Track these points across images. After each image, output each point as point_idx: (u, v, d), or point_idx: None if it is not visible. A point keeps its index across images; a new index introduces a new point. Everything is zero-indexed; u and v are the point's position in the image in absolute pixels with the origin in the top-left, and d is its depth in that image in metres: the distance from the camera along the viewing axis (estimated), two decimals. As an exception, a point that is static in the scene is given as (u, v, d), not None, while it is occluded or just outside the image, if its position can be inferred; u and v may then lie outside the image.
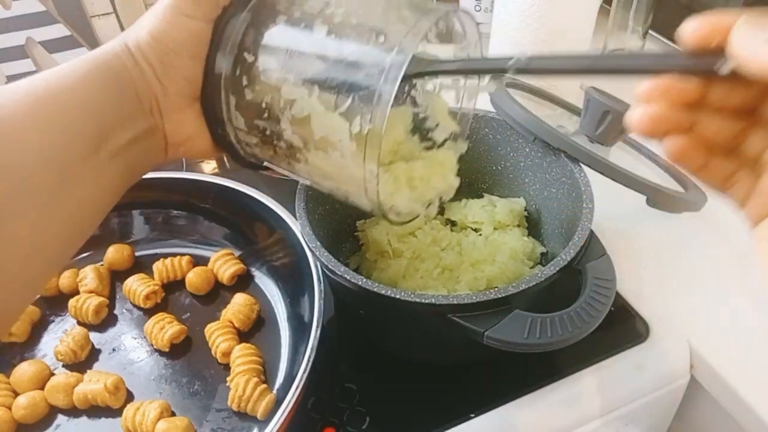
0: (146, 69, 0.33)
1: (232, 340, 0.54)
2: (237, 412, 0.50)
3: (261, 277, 0.61)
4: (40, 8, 0.86)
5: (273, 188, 0.61)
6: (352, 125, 0.32)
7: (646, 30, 0.84)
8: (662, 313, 0.56)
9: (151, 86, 0.33)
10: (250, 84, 0.34)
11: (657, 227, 0.64)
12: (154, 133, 0.34)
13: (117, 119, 0.32)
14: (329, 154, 0.34)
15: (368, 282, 0.44)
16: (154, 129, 0.34)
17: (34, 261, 0.29)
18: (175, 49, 0.33)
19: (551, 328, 0.41)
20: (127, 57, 0.33)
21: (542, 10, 0.66)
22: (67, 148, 0.29)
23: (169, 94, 0.34)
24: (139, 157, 0.34)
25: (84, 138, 0.30)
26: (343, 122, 0.32)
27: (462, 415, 0.49)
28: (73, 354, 0.54)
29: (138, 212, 0.66)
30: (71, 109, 0.30)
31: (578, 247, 0.45)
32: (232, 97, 0.35)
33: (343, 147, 0.33)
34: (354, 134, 0.32)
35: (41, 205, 0.28)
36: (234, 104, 0.35)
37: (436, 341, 0.51)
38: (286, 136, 0.34)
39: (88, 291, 0.59)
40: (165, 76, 0.33)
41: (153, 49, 0.33)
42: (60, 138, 0.29)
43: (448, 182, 0.43)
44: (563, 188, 0.54)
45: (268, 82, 0.34)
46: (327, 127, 0.33)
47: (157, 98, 0.34)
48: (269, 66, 0.34)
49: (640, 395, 0.54)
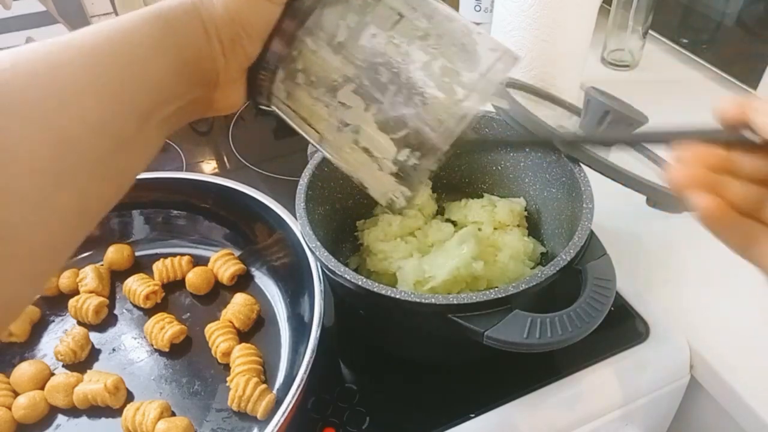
0: (216, 44, 0.32)
1: (232, 340, 0.54)
2: (237, 412, 0.50)
3: (261, 277, 0.61)
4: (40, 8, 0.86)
5: (273, 188, 0.61)
6: (400, 154, 0.31)
7: (646, 30, 0.84)
8: (662, 313, 0.56)
9: (216, 61, 0.32)
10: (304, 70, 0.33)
11: (657, 227, 0.64)
12: (202, 100, 0.34)
13: (174, 92, 0.31)
14: (366, 158, 0.33)
15: (368, 282, 0.44)
16: (203, 96, 0.34)
17: (76, 226, 0.29)
18: (249, 30, 0.32)
19: (551, 328, 0.41)
20: (199, 28, 0.31)
21: (542, 10, 0.66)
22: (124, 119, 0.28)
23: (229, 69, 0.33)
24: (181, 120, 0.33)
25: (141, 110, 0.29)
26: (392, 146, 0.32)
27: (462, 415, 0.49)
28: (73, 354, 0.54)
29: (138, 212, 0.66)
30: (134, 81, 0.29)
31: (578, 247, 0.45)
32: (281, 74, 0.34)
33: (383, 164, 0.32)
34: (399, 160, 0.32)
35: (93, 175, 0.28)
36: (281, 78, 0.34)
37: (436, 341, 0.51)
38: (328, 131, 0.34)
39: (88, 291, 0.59)
40: (231, 52, 0.32)
41: (227, 26, 0.32)
42: (119, 109, 0.28)
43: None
44: (563, 188, 0.54)
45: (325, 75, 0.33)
46: (373, 143, 0.32)
47: (218, 72, 0.33)
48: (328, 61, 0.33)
49: (640, 395, 0.54)
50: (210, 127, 0.87)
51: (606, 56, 0.88)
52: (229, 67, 0.33)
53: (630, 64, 0.88)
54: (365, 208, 0.61)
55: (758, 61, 0.75)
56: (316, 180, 0.53)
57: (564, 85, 0.72)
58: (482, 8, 0.87)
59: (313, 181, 0.53)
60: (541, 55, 0.69)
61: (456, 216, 0.60)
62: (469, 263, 0.51)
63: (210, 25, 0.31)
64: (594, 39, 0.73)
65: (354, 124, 0.32)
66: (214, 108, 0.35)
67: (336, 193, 0.57)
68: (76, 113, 0.27)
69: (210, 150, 0.84)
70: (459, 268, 0.50)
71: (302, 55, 0.33)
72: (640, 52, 0.86)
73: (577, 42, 0.70)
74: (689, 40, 0.86)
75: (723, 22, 0.79)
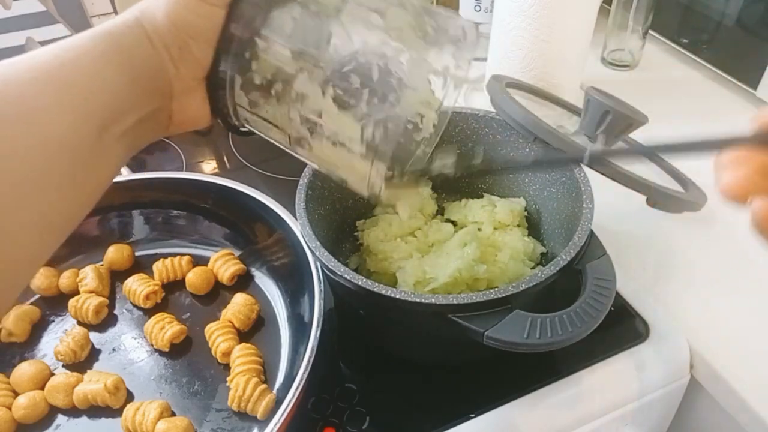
0: (163, 53, 0.32)
1: (232, 340, 0.54)
2: (237, 412, 0.50)
3: (261, 277, 0.61)
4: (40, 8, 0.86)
5: (273, 188, 0.61)
6: (365, 131, 0.32)
7: (646, 30, 0.84)
8: (662, 313, 0.56)
9: (167, 70, 0.33)
10: (258, 70, 0.33)
11: (657, 227, 0.64)
12: (160, 113, 0.34)
13: (129, 103, 0.31)
14: (335, 149, 0.33)
15: (368, 282, 0.44)
16: (161, 109, 0.34)
17: (41, 241, 0.29)
18: (194, 35, 0.32)
19: (551, 328, 0.41)
20: (144, 39, 0.32)
21: (542, 10, 0.66)
22: (79, 133, 0.29)
23: (182, 77, 0.33)
24: (143, 136, 0.34)
25: (95, 122, 0.29)
26: (355, 124, 0.32)
27: (462, 415, 0.49)
28: (73, 354, 0.54)
29: (138, 212, 0.66)
30: (85, 93, 0.29)
31: (578, 247, 0.45)
32: (239, 79, 0.34)
33: (353, 148, 0.32)
34: (366, 138, 0.32)
35: (55, 188, 0.28)
36: (240, 85, 0.34)
37: (437, 341, 0.51)
38: (294, 129, 0.34)
39: (88, 291, 0.59)
40: (181, 60, 0.33)
41: (171, 34, 0.32)
42: (72, 122, 0.28)
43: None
44: (563, 188, 0.54)
45: (280, 71, 0.33)
46: (338, 126, 0.32)
47: (170, 81, 0.33)
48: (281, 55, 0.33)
49: (640, 395, 0.54)
50: (210, 127, 0.87)
51: (606, 56, 0.88)
52: (181, 75, 0.33)
53: (630, 64, 0.88)
54: (365, 208, 0.61)
55: (758, 61, 0.75)
56: (316, 180, 0.53)
57: (564, 85, 0.72)
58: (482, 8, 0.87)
59: (313, 181, 0.53)
60: (541, 55, 0.69)
61: (456, 216, 0.60)
62: (471, 266, 0.51)
63: (154, 35, 0.32)
64: (594, 39, 0.73)
65: (316, 111, 0.33)
66: (174, 121, 0.35)
67: (336, 193, 0.57)
68: (32, 127, 0.27)
69: (210, 150, 0.84)
70: (461, 270, 0.50)
71: (254, 56, 0.33)
72: (640, 52, 0.87)
73: (577, 42, 0.70)
74: (689, 40, 0.86)
75: (723, 22, 0.79)
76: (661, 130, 0.61)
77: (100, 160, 0.30)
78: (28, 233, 0.27)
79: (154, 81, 0.32)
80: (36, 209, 0.27)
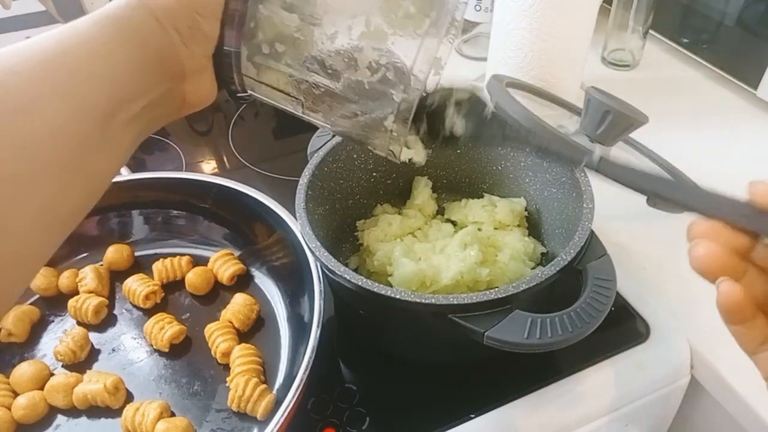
0: (173, 34, 0.31)
1: (232, 341, 0.54)
2: (237, 412, 0.50)
3: (261, 277, 0.61)
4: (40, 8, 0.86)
5: (273, 188, 0.61)
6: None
7: (646, 30, 0.84)
8: (662, 313, 0.56)
9: (178, 52, 0.32)
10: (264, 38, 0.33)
11: (657, 227, 0.64)
12: (172, 95, 0.33)
13: (137, 88, 0.30)
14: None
15: (368, 282, 0.44)
16: (172, 91, 0.33)
17: (44, 235, 0.28)
18: (202, 12, 0.32)
19: (551, 329, 0.41)
20: (150, 21, 0.31)
21: (542, 10, 0.66)
22: (82, 121, 0.28)
23: (194, 56, 0.33)
24: (154, 120, 0.33)
25: (101, 110, 0.29)
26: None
27: (462, 415, 0.49)
28: (73, 354, 0.54)
29: (138, 212, 0.66)
30: (89, 81, 0.28)
31: (579, 247, 0.45)
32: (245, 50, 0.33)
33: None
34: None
35: (58, 179, 0.27)
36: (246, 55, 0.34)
37: (436, 341, 0.51)
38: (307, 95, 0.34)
39: (88, 291, 0.59)
40: (192, 38, 0.32)
41: (180, 13, 0.31)
42: (74, 111, 0.28)
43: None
44: (563, 188, 0.54)
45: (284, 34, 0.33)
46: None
47: (182, 62, 0.32)
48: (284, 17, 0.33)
49: (640, 395, 0.54)
50: (210, 127, 0.87)
51: (606, 56, 0.88)
52: (194, 54, 0.32)
53: (630, 64, 0.88)
54: (365, 208, 0.61)
55: (758, 61, 0.75)
56: (316, 180, 0.53)
57: (564, 85, 0.72)
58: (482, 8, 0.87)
59: (313, 181, 0.53)
60: (541, 55, 0.69)
61: (456, 216, 0.60)
62: (474, 269, 0.51)
63: (162, 16, 0.31)
64: (594, 39, 0.73)
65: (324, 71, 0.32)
66: (188, 102, 0.34)
67: (336, 193, 0.57)
68: (33, 117, 0.26)
69: (210, 150, 0.84)
70: (462, 273, 0.50)
71: (259, 24, 0.33)
72: (640, 51, 0.86)
73: (577, 42, 0.70)
74: (689, 40, 0.86)
75: (723, 22, 0.79)
76: (662, 130, 0.61)
77: (106, 148, 0.29)
78: (29, 227, 0.27)
79: (164, 63, 0.31)
80: (37, 202, 0.27)
